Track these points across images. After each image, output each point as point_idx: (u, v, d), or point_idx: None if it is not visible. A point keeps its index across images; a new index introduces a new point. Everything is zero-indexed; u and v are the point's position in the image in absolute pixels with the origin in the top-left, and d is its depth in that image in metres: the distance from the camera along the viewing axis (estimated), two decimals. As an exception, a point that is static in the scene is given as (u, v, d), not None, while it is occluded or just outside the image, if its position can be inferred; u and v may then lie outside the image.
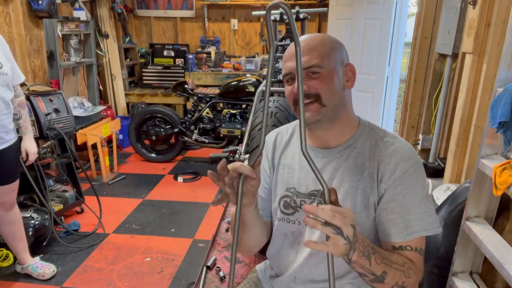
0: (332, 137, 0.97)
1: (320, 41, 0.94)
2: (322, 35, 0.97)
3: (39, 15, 3.49)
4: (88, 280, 2.26)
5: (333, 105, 0.92)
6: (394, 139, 0.95)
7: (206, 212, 3.12)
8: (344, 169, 0.95)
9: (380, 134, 0.97)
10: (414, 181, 0.91)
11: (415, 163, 0.92)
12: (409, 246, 0.90)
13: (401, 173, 0.90)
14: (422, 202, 0.91)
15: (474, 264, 1.61)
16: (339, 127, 0.96)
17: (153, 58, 5.19)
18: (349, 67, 0.96)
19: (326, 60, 0.92)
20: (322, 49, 0.92)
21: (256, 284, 1.18)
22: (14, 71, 2.01)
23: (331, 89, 0.91)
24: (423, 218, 0.90)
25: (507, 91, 1.27)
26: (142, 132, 4.21)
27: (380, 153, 0.93)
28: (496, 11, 1.81)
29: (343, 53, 0.96)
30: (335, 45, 0.95)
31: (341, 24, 3.98)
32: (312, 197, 0.97)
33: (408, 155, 0.92)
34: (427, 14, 2.89)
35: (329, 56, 0.93)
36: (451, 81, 2.55)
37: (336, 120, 0.95)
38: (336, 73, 0.93)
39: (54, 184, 2.94)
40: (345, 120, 0.97)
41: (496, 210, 1.54)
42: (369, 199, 0.92)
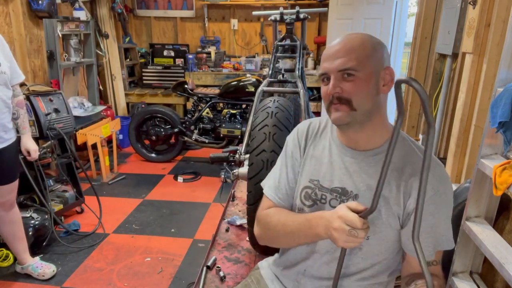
0: (363, 140, 0.96)
1: (360, 42, 0.91)
2: (364, 36, 0.93)
3: (39, 15, 3.49)
4: (88, 280, 2.26)
5: (364, 110, 0.90)
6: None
7: (206, 212, 3.12)
8: (371, 175, 0.94)
9: (413, 145, 0.95)
10: (444, 202, 0.91)
11: (446, 182, 0.92)
12: (434, 261, 0.94)
13: (432, 193, 0.89)
14: (447, 220, 0.93)
15: (474, 264, 1.61)
16: (370, 131, 0.94)
17: (153, 58, 5.19)
18: (388, 70, 0.92)
19: (363, 64, 0.89)
20: (362, 51, 0.89)
21: (258, 280, 1.18)
22: (14, 70, 2.01)
23: (364, 93, 0.89)
24: (447, 234, 0.93)
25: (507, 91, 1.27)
26: (142, 132, 4.21)
27: (412, 166, 0.92)
28: (496, 11, 1.81)
29: (383, 56, 0.93)
30: (377, 47, 0.92)
31: (341, 24, 3.98)
32: (333, 193, 0.97)
33: (440, 175, 0.91)
34: (427, 14, 2.89)
35: (368, 59, 0.89)
36: (451, 81, 2.55)
37: (367, 124, 0.92)
38: (373, 78, 0.90)
39: (54, 184, 2.94)
40: (377, 125, 0.94)
41: (496, 210, 1.54)
42: (392, 209, 0.92)
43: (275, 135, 1.40)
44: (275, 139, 1.40)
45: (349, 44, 0.90)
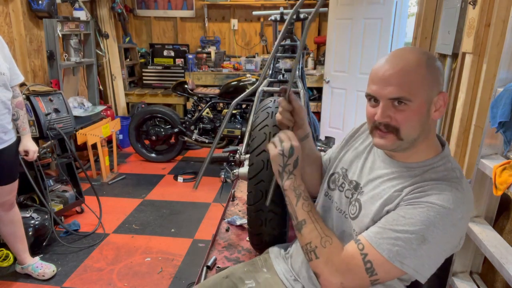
0: (402, 156, 0.92)
1: (416, 65, 0.82)
2: (420, 56, 0.83)
3: (39, 15, 3.48)
4: (88, 280, 2.26)
5: (411, 139, 0.86)
6: (453, 189, 0.82)
7: (206, 212, 3.12)
8: (389, 185, 0.90)
9: (439, 185, 0.83)
10: (422, 216, 0.80)
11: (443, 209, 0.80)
12: (361, 244, 0.84)
13: (419, 196, 0.83)
14: (407, 238, 0.80)
15: (474, 264, 1.61)
16: (413, 152, 0.90)
17: (153, 58, 5.19)
18: (442, 96, 0.85)
19: (417, 93, 0.82)
20: (417, 77, 0.82)
21: (266, 260, 1.23)
22: (13, 71, 2.01)
23: (414, 124, 0.84)
24: (394, 245, 0.80)
25: (507, 91, 1.28)
26: (142, 132, 4.21)
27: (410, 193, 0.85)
28: (496, 11, 1.81)
29: (439, 80, 0.85)
30: (433, 70, 0.83)
31: (341, 24, 3.98)
32: (350, 185, 0.99)
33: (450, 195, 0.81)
34: (427, 14, 2.89)
35: (423, 87, 0.82)
36: (451, 81, 2.55)
37: (411, 149, 0.89)
38: (426, 105, 0.84)
39: (54, 184, 2.94)
40: (421, 147, 0.89)
41: (496, 210, 1.54)
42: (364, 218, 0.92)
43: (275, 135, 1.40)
44: None
45: (404, 66, 0.82)
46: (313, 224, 0.91)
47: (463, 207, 0.82)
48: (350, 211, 0.96)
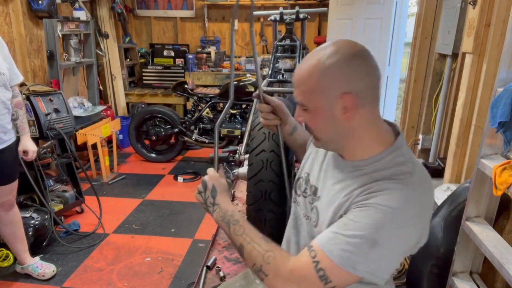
0: (347, 154, 0.90)
1: (309, 73, 0.83)
2: (316, 62, 0.82)
3: (39, 15, 3.48)
4: (88, 280, 2.26)
5: (327, 139, 0.87)
6: (398, 185, 0.79)
7: (206, 212, 3.12)
8: (339, 188, 0.88)
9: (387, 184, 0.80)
10: (370, 219, 0.77)
11: (397, 203, 0.77)
12: (313, 251, 0.80)
13: (367, 198, 0.80)
14: (357, 243, 0.76)
15: (474, 264, 1.61)
16: (350, 150, 0.88)
17: (153, 58, 5.19)
18: (345, 98, 0.80)
19: (309, 99, 0.84)
20: (308, 84, 0.83)
21: None
22: (12, 71, 2.01)
23: (318, 126, 0.86)
24: (345, 251, 0.76)
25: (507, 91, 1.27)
26: (142, 132, 4.21)
27: (363, 193, 0.81)
28: (496, 11, 1.81)
29: (339, 82, 0.81)
30: (330, 73, 0.81)
31: (341, 24, 3.98)
32: (310, 190, 0.97)
33: (399, 194, 0.78)
34: (427, 14, 2.89)
35: (315, 91, 0.82)
36: (451, 81, 2.55)
37: (343, 146, 0.88)
38: (323, 110, 0.83)
39: (54, 184, 2.94)
40: (356, 145, 0.87)
41: (496, 210, 1.54)
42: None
43: (274, 135, 1.40)
44: (274, 139, 1.40)
45: (300, 74, 0.85)
46: (250, 244, 0.87)
47: (415, 204, 0.78)
48: (312, 218, 0.94)
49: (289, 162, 1.54)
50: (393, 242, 0.77)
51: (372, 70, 0.83)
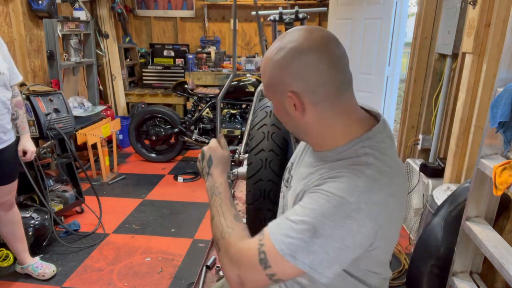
0: (313, 145, 0.90)
1: (263, 68, 0.82)
2: (267, 56, 0.81)
3: (39, 15, 3.49)
4: (88, 280, 2.26)
5: (291, 131, 0.88)
6: (341, 177, 0.75)
7: (206, 212, 3.12)
8: (307, 170, 0.87)
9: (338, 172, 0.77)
10: (314, 204, 0.74)
11: (346, 192, 0.73)
12: (262, 234, 0.77)
13: (317, 184, 0.78)
14: (300, 229, 0.72)
15: (474, 264, 1.61)
16: (315, 141, 0.87)
17: (153, 58, 5.19)
18: (293, 96, 0.78)
19: (267, 91, 0.84)
20: (264, 79, 0.83)
21: None
22: (12, 71, 2.01)
23: (280, 118, 0.87)
24: (287, 237, 0.73)
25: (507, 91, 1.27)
26: (142, 132, 4.21)
27: (316, 180, 0.80)
28: (496, 11, 1.81)
29: (286, 80, 0.78)
30: (276, 71, 0.79)
31: (341, 24, 3.98)
32: (289, 180, 0.97)
33: (347, 183, 0.74)
34: (427, 14, 2.89)
35: (269, 87, 0.82)
36: (451, 81, 2.55)
37: (308, 141, 0.90)
38: (279, 104, 0.82)
39: (54, 184, 2.94)
40: (320, 138, 0.84)
41: (496, 210, 1.54)
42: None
43: (273, 134, 1.40)
44: (273, 138, 1.41)
45: (261, 67, 0.85)
46: (219, 217, 0.87)
47: (362, 197, 0.72)
48: (285, 208, 0.95)
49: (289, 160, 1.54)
50: (336, 234, 0.71)
51: (327, 66, 0.76)
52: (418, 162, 2.69)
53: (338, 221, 0.71)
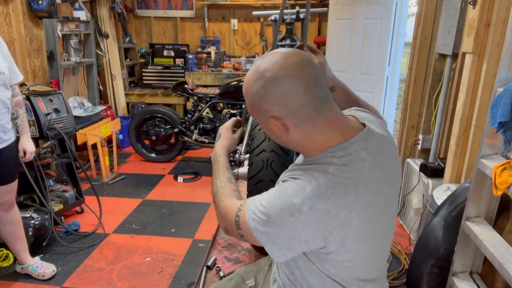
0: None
1: (244, 93, 0.89)
2: (246, 85, 0.87)
3: (39, 15, 3.48)
4: (88, 280, 2.26)
5: (279, 143, 0.96)
6: (287, 181, 0.86)
7: (206, 212, 3.12)
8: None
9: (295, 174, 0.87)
10: (271, 194, 0.86)
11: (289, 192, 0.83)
12: (245, 201, 0.92)
13: (281, 178, 0.92)
14: (260, 211, 0.85)
15: (474, 264, 1.61)
16: (300, 152, 0.95)
17: (153, 58, 5.19)
18: (275, 121, 0.84)
19: (251, 112, 0.90)
20: (247, 101, 0.89)
21: (269, 258, 1.28)
22: (12, 70, 2.01)
23: (268, 134, 0.93)
24: (253, 213, 0.86)
25: (507, 91, 1.28)
26: (142, 132, 4.21)
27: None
28: (496, 11, 1.81)
29: (267, 107, 0.84)
30: (256, 99, 0.85)
31: (341, 24, 3.98)
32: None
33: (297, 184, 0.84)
34: (427, 14, 2.89)
35: (252, 110, 0.89)
36: (451, 81, 2.55)
37: (295, 149, 0.98)
38: (264, 124, 0.90)
39: (54, 184, 2.94)
40: (303, 151, 0.93)
41: (496, 210, 1.54)
42: None
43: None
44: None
45: (243, 92, 0.90)
46: (215, 179, 1.04)
47: (307, 201, 0.79)
48: None
49: (290, 161, 1.53)
50: (283, 224, 0.81)
51: (303, 90, 0.81)
52: (418, 162, 2.69)
53: (284, 216, 0.81)
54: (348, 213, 0.80)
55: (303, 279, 0.95)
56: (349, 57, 3.96)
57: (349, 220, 0.81)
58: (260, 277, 1.23)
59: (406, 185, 2.89)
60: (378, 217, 0.87)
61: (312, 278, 0.93)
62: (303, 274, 0.94)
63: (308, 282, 0.94)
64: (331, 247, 0.83)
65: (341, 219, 0.80)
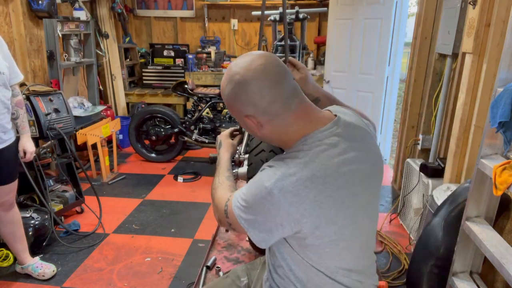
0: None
1: (222, 93, 0.97)
2: (221, 87, 0.97)
3: (39, 15, 3.49)
4: (88, 280, 2.26)
5: (258, 139, 1.06)
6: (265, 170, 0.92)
7: (206, 212, 3.12)
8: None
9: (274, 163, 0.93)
10: (251, 181, 0.93)
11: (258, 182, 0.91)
12: (232, 193, 1.00)
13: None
14: (241, 197, 0.93)
15: (474, 264, 1.61)
16: (280, 145, 1.02)
17: (153, 58, 5.19)
18: (248, 119, 0.93)
19: (231, 112, 0.99)
20: (224, 102, 0.97)
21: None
22: (13, 70, 2.01)
23: (247, 130, 1.02)
24: (238, 201, 0.94)
25: (507, 91, 1.27)
26: (142, 132, 4.21)
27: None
28: (496, 11, 1.81)
29: (239, 107, 0.92)
30: (229, 101, 0.94)
31: (341, 24, 3.98)
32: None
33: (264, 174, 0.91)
34: (427, 14, 2.89)
35: (229, 109, 0.97)
36: (451, 81, 2.55)
37: (274, 144, 1.05)
38: (241, 121, 0.97)
39: (54, 184, 2.94)
40: (280, 145, 0.99)
41: (496, 210, 1.54)
42: None
43: None
44: None
45: (221, 93, 0.99)
46: (216, 177, 1.14)
47: (277, 184, 0.85)
48: None
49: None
50: (259, 208, 0.88)
51: (268, 90, 0.88)
52: (418, 162, 2.69)
53: (258, 200, 0.88)
54: (318, 194, 0.85)
55: (290, 271, 0.98)
56: (349, 57, 3.96)
57: (320, 202, 0.86)
58: (254, 274, 1.26)
59: (406, 185, 2.89)
60: (351, 201, 0.91)
61: (299, 270, 0.96)
62: (290, 266, 0.98)
63: (295, 274, 0.97)
64: (305, 229, 0.87)
65: (311, 201, 0.85)
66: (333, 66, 4.13)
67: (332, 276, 0.94)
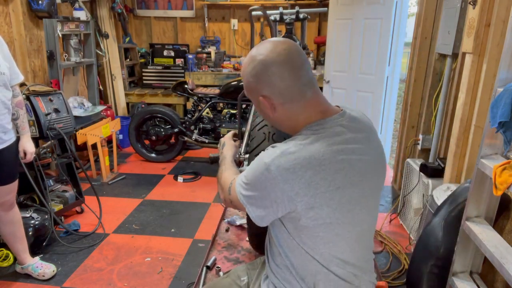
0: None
1: (242, 72, 1.01)
2: (242, 67, 1.01)
3: (39, 15, 3.49)
4: (88, 280, 2.26)
5: (269, 123, 1.10)
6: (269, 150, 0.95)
7: (206, 212, 3.12)
8: None
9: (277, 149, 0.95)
10: (253, 161, 0.97)
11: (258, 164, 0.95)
12: (236, 177, 1.06)
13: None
14: (243, 175, 0.99)
15: (474, 264, 1.61)
16: (288, 132, 1.06)
17: (153, 58, 5.19)
18: (264, 99, 0.97)
19: (247, 94, 1.03)
20: (244, 82, 1.02)
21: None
22: (13, 70, 2.01)
23: (260, 113, 1.04)
24: (240, 179, 1.00)
25: (507, 91, 1.27)
26: (142, 132, 4.21)
27: None
28: (496, 11, 1.81)
29: (257, 87, 0.97)
30: (249, 80, 0.98)
31: (341, 24, 3.98)
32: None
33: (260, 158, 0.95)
34: (427, 14, 2.89)
35: (247, 90, 1.01)
36: (451, 81, 2.55)
37: (282, 129, 1.08)
38: (256, 103, 1.01)
39: (54, 184, 2.94)
40: (289, 130, 1.03)
41: (496, 210, 1.54)
42: None
43: (274, 135, 1.40)
44: (274, 139, 1.40)
45: (241, 74, 1.04)
46: (222, 167, 1.23)
47: (275, 161, 0.89)
48: None
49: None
50: (257, 185, 0.92)
51: (288, 74, 0.93)
52: (418, 162, 2.69)
53: (257, 176, 0.92)
54: (313, 175, 0.88)
55: (286, 258, 1.00)
56: (349, 57, 3.96)
57: (315, 182, 0.89)
58: (253, 274, 1.27)
59: (406, 185, 2.89)
60: (348, 188, 0.93)
61: (294, 257, 0.98)
62: (286, 253, 0.99)
63: (291, 261, 1.00)
64: (300, 209, 0.90)
65: (306, 180, 0.88)
66: (333, 66, 4.13)
67: (326, 265, 0.96)
